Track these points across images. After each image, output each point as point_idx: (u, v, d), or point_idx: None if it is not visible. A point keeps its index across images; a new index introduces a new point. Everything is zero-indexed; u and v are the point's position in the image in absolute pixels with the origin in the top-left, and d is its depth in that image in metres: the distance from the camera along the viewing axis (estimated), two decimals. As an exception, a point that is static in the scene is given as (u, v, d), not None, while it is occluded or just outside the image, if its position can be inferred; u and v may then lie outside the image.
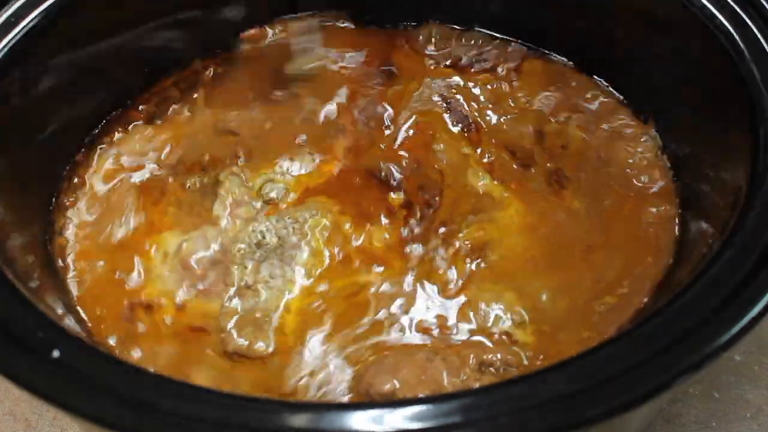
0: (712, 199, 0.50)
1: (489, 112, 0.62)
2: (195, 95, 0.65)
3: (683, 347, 0.35)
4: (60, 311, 0.50)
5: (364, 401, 0.45)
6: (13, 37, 0.53)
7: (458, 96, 0.63)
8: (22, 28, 0.53)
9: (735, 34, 0.50)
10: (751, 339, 0.62)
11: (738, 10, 0.50)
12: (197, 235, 0.55)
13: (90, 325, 0.51)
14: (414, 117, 0.62)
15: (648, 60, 0.59)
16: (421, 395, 0.44)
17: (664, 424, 0.57)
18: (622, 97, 0.62)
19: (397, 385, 0.45)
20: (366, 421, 0.34)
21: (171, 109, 0.64)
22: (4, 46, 0.52)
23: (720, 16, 0.51)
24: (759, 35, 0.49)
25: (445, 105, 0.62)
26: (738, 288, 0.38)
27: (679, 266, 0.50)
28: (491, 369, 0.47)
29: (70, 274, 0.54)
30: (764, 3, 0.50)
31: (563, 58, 0.66)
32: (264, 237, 0.54)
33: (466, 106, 0.62)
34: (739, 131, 0.47)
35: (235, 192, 0.57)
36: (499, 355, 0.47)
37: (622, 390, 0.34)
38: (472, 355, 0.47)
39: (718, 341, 0.35)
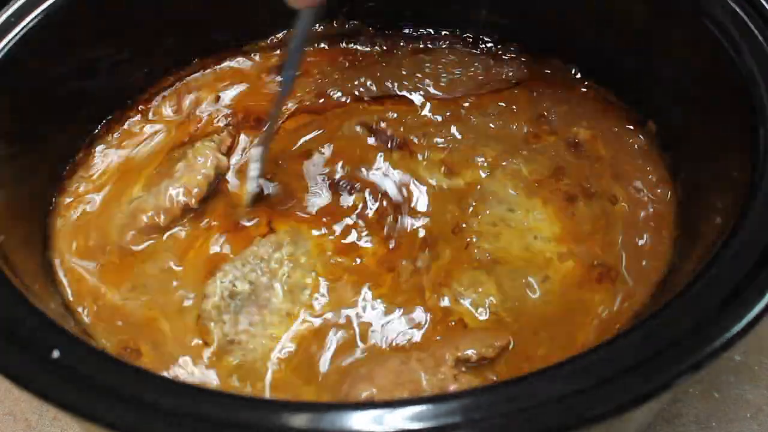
0: (711, 199, 0.50)
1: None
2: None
3: (683, 347, 0.35)
4: (60, 311, 0.50)
5: (364, 401, 0.45)
6: (13, 37, 0.53)
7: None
8: (22, 28, 0.53)
9: (735, 35, 0.50)
10: (751, 339, 0.61)
11: (738, 10, 0.50)
12: (155, 191, 0.56)
13: (89, 325, 0.51)
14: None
15: (648, 60, 0.59)
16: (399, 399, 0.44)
17: (664, 424, 0.57)
18: (621, 98, 0.62)
19: (375, 392, 0.45)
20: (366, 421, 0.34)
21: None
22: (4, 46, 0.52)
23: (720, 16, 0.51)
24: (759, 35, 0.49)
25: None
26: (738, 288, 0.38)
27: (679, 266, 0.50)
28: (468, 364, 0.47)
29: (70, 273, 0.54)
30: (764, 3, 0.50)
31: (560, 61, 0.66)
32: (235, 286, 0.51)
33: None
34: (739, 131, 0.47)
35: (201, 151, 0.58)
36: (473, 351, 0.47)
37: (622, 390, 0.34)
38: (447, 354, 0.47)
39: (718, 341, 0.35)
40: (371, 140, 0.62)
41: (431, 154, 0.60)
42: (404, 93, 0.65)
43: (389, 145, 0.61)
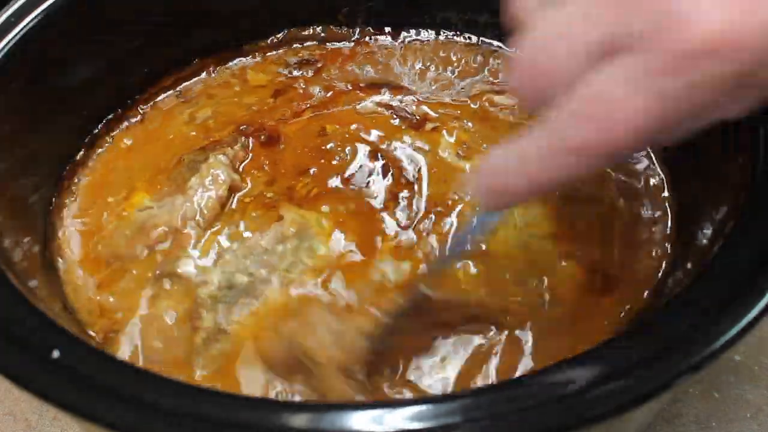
0: (711, 199, 0.50)
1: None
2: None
3: (683, 347, 0.35)
4: (60, 311, 0.50)
5: (364, 401, 0.45)
6: (13, 37, 0.53)
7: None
8: (22, 28, 0.53)
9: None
10: (751, 339, 0.62)
11: (738, 10, 0.50)
12: (166, 202, 0.56)
13: (89, 324, 0.51)
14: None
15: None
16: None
17: (664, 424, 0.57)
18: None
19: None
20: (366, 421, 0.34)
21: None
22: (4, 46, 0.52)
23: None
24: (759, 35, 0.49)
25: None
26: (738, 288, 0.38)
27: (679, 266, 0.50)
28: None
29: (70, 273, 0.54)
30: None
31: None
32: (234, 277, 0.51)
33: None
34: (739, 131, 0.47)
35: (215, 168, 0.57)
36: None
37: (622, 390, 0.34)
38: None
39: (718, 341, 0.35)
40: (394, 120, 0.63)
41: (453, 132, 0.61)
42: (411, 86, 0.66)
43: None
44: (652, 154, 0.59)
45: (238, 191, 0.57)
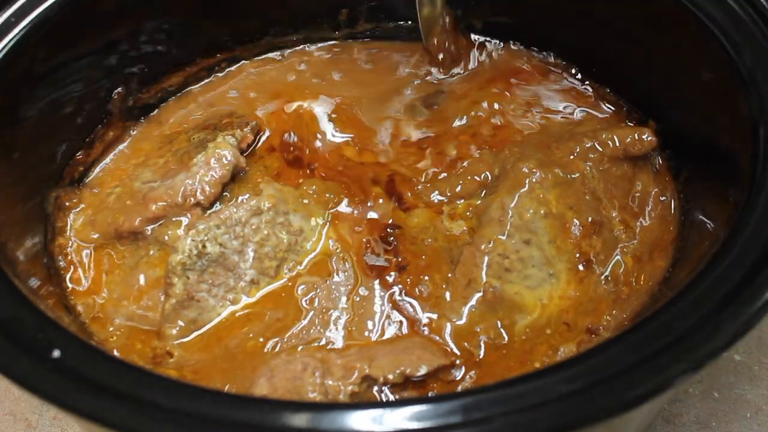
0: (711, 198, 0.50)
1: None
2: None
3: (683, 347, 0.35)
4: (60, 311, 0.50)
5: (363, 401, 0.45)
6: (13, 37, 0.53)
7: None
8: (22, 28, 0.53)
9: (735, 34, 0.50)
10: (751, 339, 0.62)
11: (738, 10, 0.50)
12: (169, 181, 0.56)
13: (90, 324, 0.51)
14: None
15: (648, 60, 0.59)
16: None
17: (664, 424, 0.57)
18: (621, 98, 0.63)
19: (267, 394, 0.45)
20: (366, 421, 0.34)
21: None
22: (4, 46, 0.52)
23: (720, 16, 0.51)
24: (759, 35, 0.49)
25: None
26: (738, 288, 0.38)
27: (679, 266, 0.50)
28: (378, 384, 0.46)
29: (70, 273, 0.54)
30: (764, 3, 0.50)
31: (561, 61, 0.66)
32: (205, 246, 0.51)
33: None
34: (739, 131, 0.47)
35: (222, 148, 0.57)
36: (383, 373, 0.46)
37: (622, 390, 0.34)
38: (358, 365, 0.46)
39: (718, 341, 0.35)
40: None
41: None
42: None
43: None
44: (655, 157, 0.59)
45: (240, 171, 0.58)
